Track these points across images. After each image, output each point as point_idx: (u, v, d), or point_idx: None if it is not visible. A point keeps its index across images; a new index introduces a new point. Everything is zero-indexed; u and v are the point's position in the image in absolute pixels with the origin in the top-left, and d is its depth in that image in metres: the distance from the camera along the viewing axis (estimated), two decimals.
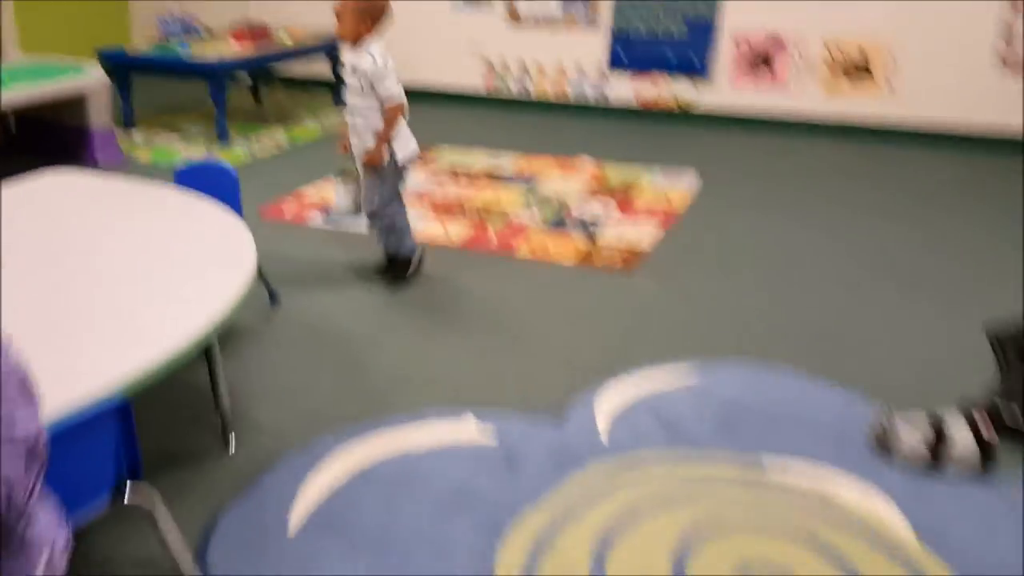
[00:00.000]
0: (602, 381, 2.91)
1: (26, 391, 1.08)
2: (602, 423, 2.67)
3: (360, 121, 3.47)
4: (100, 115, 5.34)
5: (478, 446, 2.54)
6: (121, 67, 5.99)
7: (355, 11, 3.34)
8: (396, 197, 3.63)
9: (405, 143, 3.53)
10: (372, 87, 3.37)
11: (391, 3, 3.45)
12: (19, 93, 4.93)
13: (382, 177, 3.53)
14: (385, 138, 3.42)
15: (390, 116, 3.39)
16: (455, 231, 4.33)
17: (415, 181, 5.03)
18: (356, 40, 3.40)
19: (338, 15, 3.39)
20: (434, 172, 5.31)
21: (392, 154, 3.49)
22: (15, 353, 1.09)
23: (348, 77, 3.47)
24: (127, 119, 6.08)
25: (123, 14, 8.13)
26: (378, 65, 3.33)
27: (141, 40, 7.72)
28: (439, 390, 2.86)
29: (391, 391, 2.86)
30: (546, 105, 6.96)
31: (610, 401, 2.80)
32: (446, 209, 4.65)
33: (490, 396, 2.82)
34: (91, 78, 5.26)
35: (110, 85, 5.42)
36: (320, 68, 7.12)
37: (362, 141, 3.50)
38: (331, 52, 6.78)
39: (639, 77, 6.64)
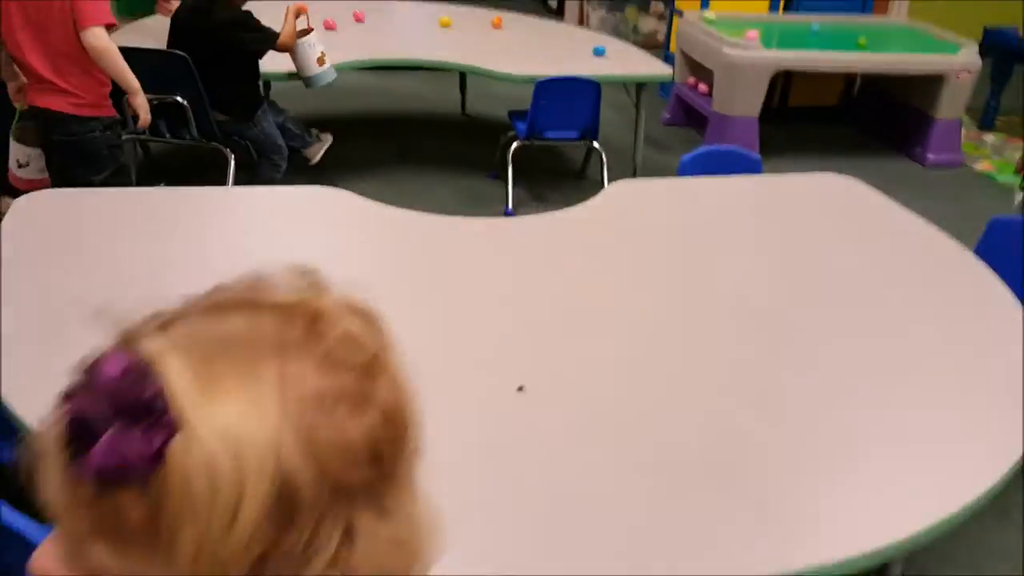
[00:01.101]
0: None
1: None
2: None
3: None
4: (953, 104, 4.45)
5: None
6: (1005, 52, 4.90)
7: None
8: None
9: None
10: None
11: None
12: (881, 58, 4.40)
13: None
14: None
15: None
16: None
17: None
18: None
19: None
20: None
21: None
22: None
23: None
24: (986, 115, 5.04)
25: None
26: None
27: None
28: None
29: None
30: None
31: None
32: None
33: None
34: (961, 59, 4.37)
35: (981, 71, 4.46)
36: None
37: None
38: None
39: None
